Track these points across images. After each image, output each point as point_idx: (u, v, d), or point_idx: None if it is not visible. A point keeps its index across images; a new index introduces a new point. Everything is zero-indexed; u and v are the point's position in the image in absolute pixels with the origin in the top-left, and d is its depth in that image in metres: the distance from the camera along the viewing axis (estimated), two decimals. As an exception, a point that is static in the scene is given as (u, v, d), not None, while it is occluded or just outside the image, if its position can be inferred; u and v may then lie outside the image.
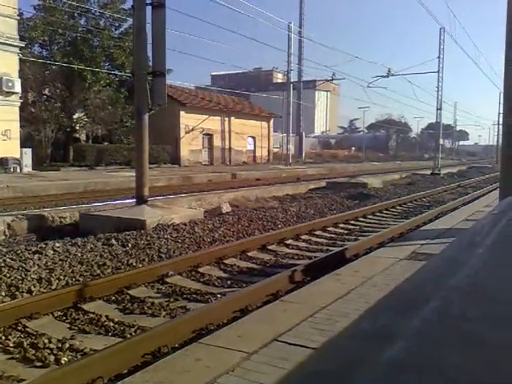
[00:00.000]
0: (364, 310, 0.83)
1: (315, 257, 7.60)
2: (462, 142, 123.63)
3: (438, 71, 36.28)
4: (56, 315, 5.09)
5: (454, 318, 0.74)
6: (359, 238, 9.48)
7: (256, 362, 3.25)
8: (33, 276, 6.21)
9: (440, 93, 37.09)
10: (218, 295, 5.86)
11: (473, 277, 0.95)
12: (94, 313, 5.13)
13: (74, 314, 5.14)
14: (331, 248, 8.48)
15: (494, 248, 1.22)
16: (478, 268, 1.01)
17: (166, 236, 8.76)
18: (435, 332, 0.69)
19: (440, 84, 36.66)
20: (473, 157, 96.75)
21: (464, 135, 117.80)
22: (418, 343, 0.65)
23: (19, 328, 4.67)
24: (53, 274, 6.34)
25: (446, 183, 24.54)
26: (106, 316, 5.04)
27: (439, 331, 0.69)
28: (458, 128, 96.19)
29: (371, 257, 6.75)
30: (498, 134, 64.54)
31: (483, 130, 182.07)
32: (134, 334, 4.60)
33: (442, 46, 35.91)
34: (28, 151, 24.83)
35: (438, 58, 36.13)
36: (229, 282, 6.46)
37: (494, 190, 16.37)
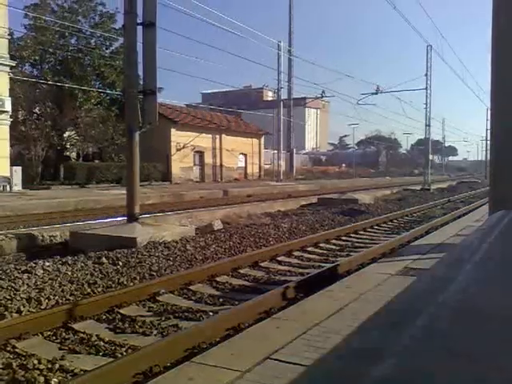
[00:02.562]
0: (356, 326, 0.84)
1: (307, 273, 7.58)
2: (451, 158, 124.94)
3: (426, 88, 36.77)
4: (46, 335, 5.02)
5: (442, 335, 0.74)
6: (351, 253, 9.48)
7: (249, 380, 3.22)
8: (22, 295, 6.13)
9: (428, 109, 37.55)
10: (210, 313, 5.81)
11: (461, 293, 0.96)
12: (84, 332, 5.07)
13: (64, 333, 5.07)
14: (323, 264, 8.48)
15: (483, 264, 1.23)
16: (467, 284, 1.02)
17: (157, 254, 8.71)
18: (424, 349, 0.69)
19: (428, 101, 37.14)
20: (462, 172, 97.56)
21: (453, 151, 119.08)
22: (408, 360, 0.65)
23: (8, 349, 4.59)
24: (42, 294, 6.27)
25: (436, 198, 24.71)
26: (97, 335, 4.98)
27: (428, 348, 0.69)
28: (446, 144, 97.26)
29: (363, 273, 6.75)
30: (486, 150, 65.25)
31: (471, 146, 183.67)
32: (125, 353, 4.54)
33: (429, 64, 36.48)
34: (18, 170, 24.70)
35: (426, 75, 36.66)
36: (221, 300, 6.42)
37: (484, 204, 16.50)
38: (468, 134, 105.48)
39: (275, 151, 42.27)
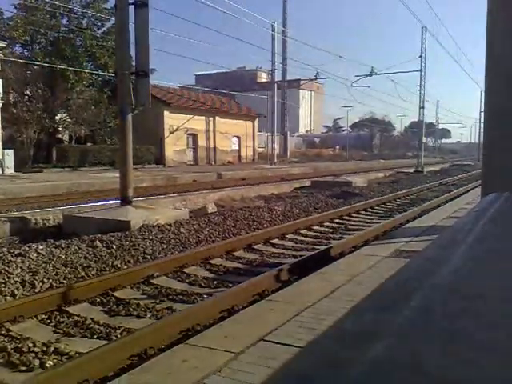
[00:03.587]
0: (349, 307, 0.84)
1: (301, 256, 7.63)
2: (444, 140, 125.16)
3: (421, 70, 36.63)
4: (40, 318, 5.03)
5: (436, 317, 0.75)
6: (344, 236, 9.53)
7: (243, 361, 3.26)
8: (16, 279, 6.14)
9: (422, 91, 37.45)
10: (205, 296, 5.85)
11: (454, 275, 0.96)
12: (78, 315, 5.09)
13: (58, 316, 5.09)
14: (317, 247, 8.52)
15: (475, 246, 1.24)
16: (459, 266, 1.03)
17: (151, 237, 8.72)
18: (418, 331, 0.70)
19: (422, 83, 37.03)
20: (455, 155, 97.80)
21: (446, 133, 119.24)
22: (402, 342, 0.66)
23: (3, 332, 4.61)
24: (36, 277, 6.27)
25: (429, 181, 24.79)
26: (91, 318, 5.00)
27: (422, 330, 0.70)
28: (440, 126, 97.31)
29: (356, 255, 6.80)
30: (479, 133, 65.41)
31: (465, 129, 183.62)
32: (119, 336, 4.57)
33: (424, 45, 36.27)
34: (10, 152, 24.50)
35: (420, 56, 36.48)
36: (215, 283, 6.46)
37: (476, 187, 16.59)
38: (462, 117, 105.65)
39: (269, 134, 42.14)
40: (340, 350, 0.65)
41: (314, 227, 10.50)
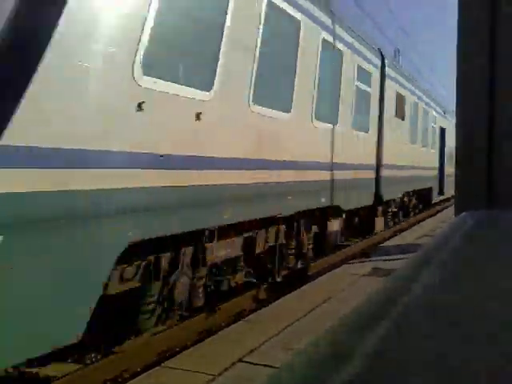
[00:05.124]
0: (327, 326, 0.85)
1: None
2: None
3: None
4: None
5: (410, 336, 0.76)
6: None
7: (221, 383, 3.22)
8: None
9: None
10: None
11: (427, 293, 0.98)
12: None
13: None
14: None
15: (448, 264, 1.27)
16: (432, 284, 1.05)
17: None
18: (393, 350, 0.70)
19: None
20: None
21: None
22: (376, 363, 0.66)
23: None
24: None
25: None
26: (66, 342, 4.87)
27: (397, 350, 0.71)
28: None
29: (334, 273, 6.83)
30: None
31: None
32: (94, 358, 4.46)
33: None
34: None
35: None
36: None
37: (452, 205, 16.88)
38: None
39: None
40: (315, 370, 0.66)
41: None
